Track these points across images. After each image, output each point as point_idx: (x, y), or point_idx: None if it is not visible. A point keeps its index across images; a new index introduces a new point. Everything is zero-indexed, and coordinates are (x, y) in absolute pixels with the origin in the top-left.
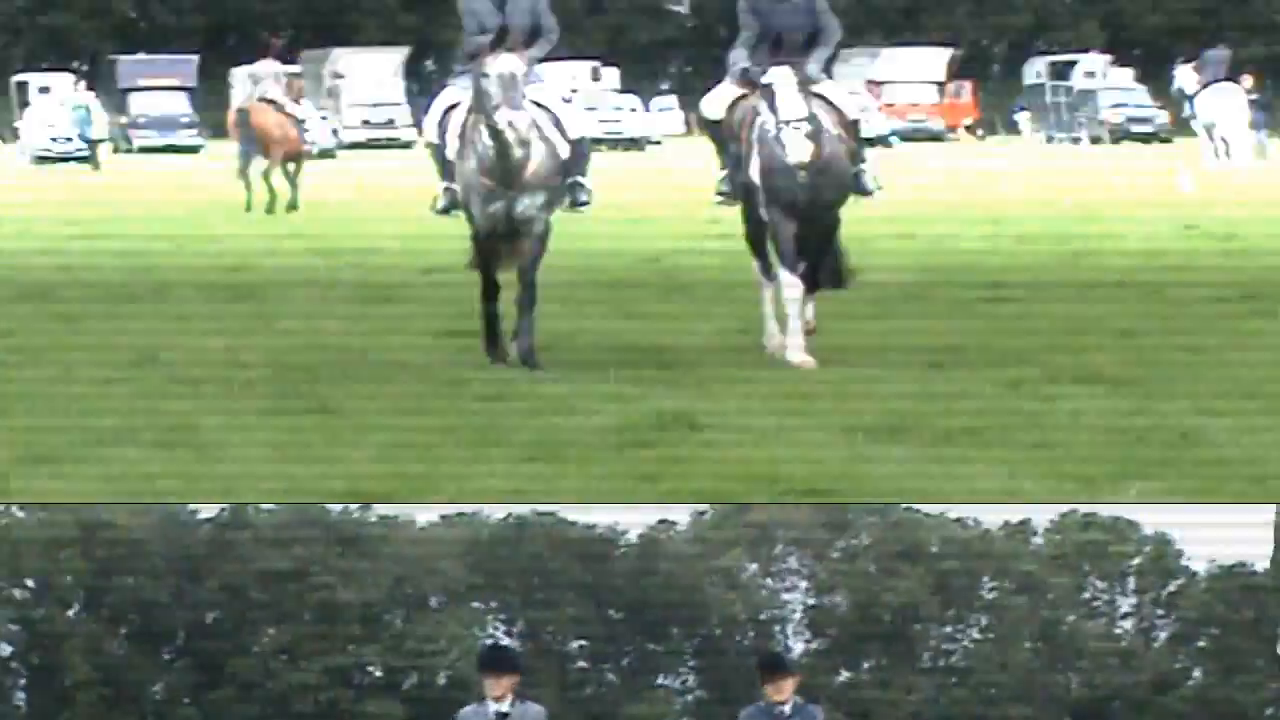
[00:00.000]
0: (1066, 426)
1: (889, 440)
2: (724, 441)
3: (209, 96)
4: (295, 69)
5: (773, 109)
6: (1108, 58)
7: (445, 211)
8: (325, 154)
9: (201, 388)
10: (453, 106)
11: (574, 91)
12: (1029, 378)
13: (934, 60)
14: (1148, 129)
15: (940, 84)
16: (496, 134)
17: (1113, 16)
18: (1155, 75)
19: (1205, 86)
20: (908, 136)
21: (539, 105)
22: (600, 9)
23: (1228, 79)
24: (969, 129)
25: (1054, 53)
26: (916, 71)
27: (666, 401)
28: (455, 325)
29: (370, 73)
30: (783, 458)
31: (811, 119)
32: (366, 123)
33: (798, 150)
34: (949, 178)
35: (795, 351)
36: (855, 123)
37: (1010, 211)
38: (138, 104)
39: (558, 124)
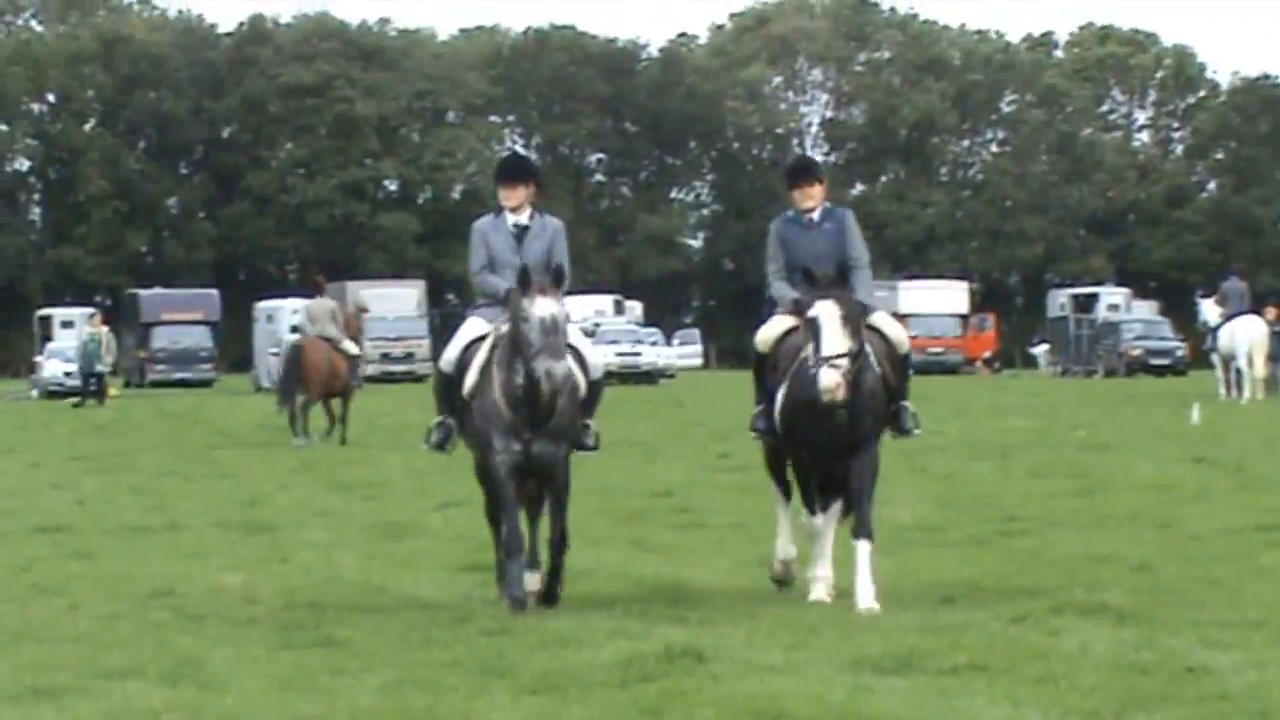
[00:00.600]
0: (1072, 659)
1: (893, 674)
2: (728, 675)
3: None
4: (350, 306)
5: (816, 344)
6: (1128, 290)
7: (439, 447)
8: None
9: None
10: (479, 339)
11: (598, 325)
12: (1037, 611)
13: (956, 293)
14: (1166, 361)
15: (964, 317)
16: (534, 383)
17: (1123, 249)
18: (1177, 308)
19: (1229, 319)
20: (924, 370)
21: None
22: (613, 241)
23: (1252, 311)
24: (986, 362)
25: (1070, 285)
26: (941, 304)
27: (674, 635)
28: (467, 560)
29: (393, 306)
30: (786, 691)
31: (856, 355)
32: (386, 356)
33: (829, 387)
34: (962, 410)
35: (820, 590)
36: (905, 357)
37: (1019, 441)
38: (160, 337)
39: (582, 364)
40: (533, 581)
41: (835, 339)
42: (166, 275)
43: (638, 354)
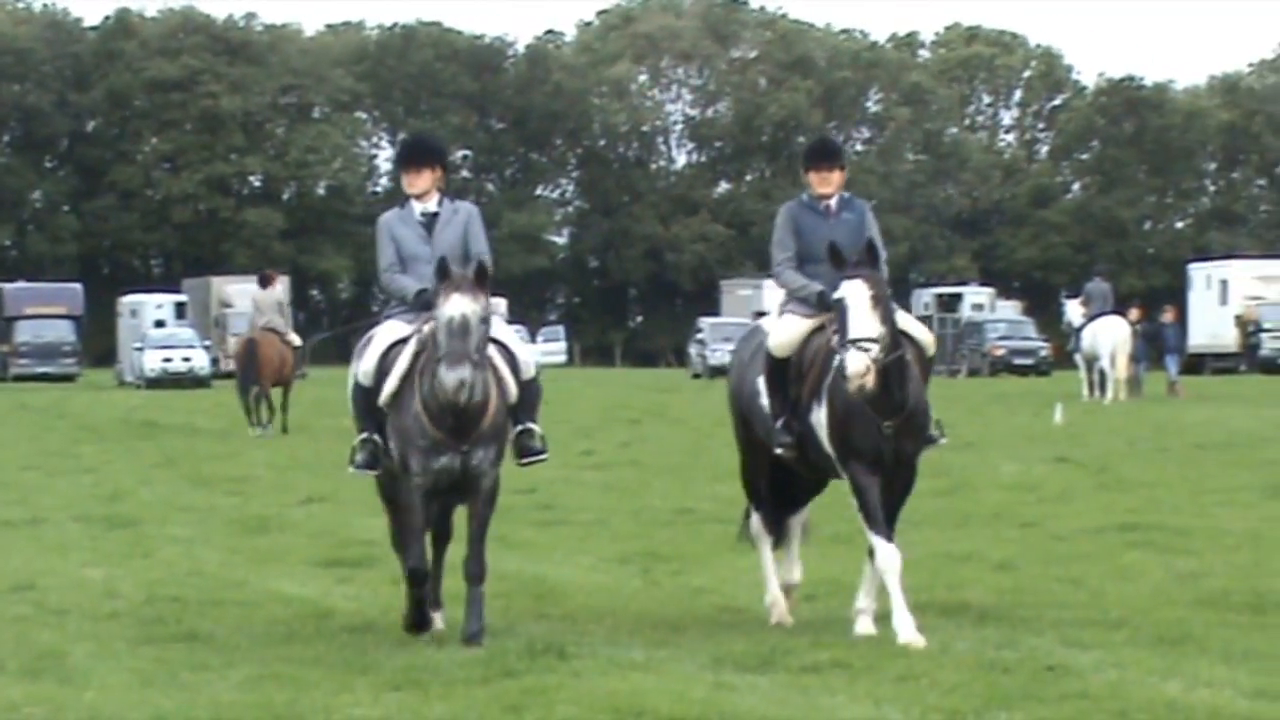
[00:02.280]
0: (933, 658)
1: (755, 671)
2: (590, 671)
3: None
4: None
5: (843, 326)
6: (992, 290)
7: (368, 468)
8: (200, 383)
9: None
10: (398, 344)
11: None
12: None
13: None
14: (1029, 361)
15: None
16: (445, 390)
17: (988, 249)
18: (1041, 308)
19: (1092, 320)
20: None
21: (495, 341)
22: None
23: (1115, 312)
24: None
25: (935, 284)
26: None
27: (536, 631)
28: (330, 555)
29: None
30: (647, 688)
31: (889, 347)
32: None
33: (857, 372)
34: None
35: (907, 630)
36: (930, 361)
37: None
38: (23, 331)
39: (513, 363)
40: (438, 620)
41: (864, 321)
42: (30, 269)
43: None
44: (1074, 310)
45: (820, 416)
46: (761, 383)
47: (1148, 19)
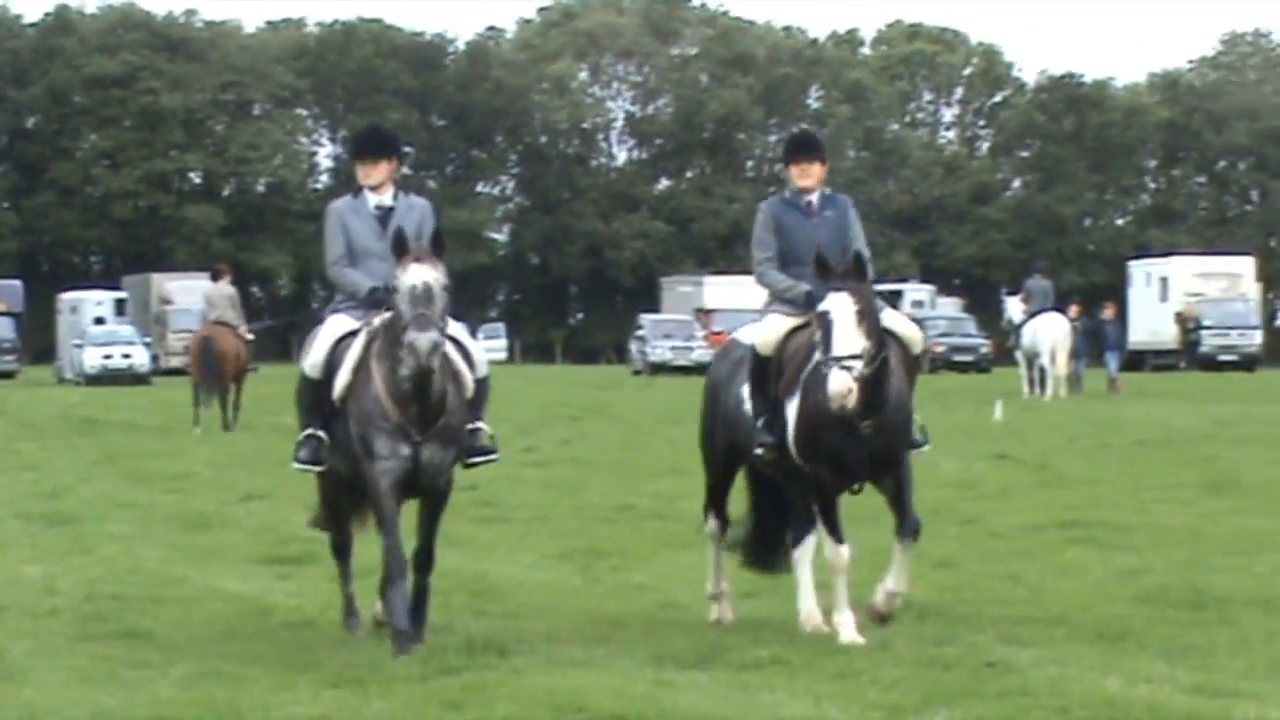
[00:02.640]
0: (873, 655)
1: (695, 668)
2: (530, 669)
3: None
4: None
5: (826, 343)
6: (932, 287)
7: (311, 463)
8: (140, 380)
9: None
10: (349, 336)
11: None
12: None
13: (759, 289)
14: (970, 358)
15: None
16: (419, 353)
17: (928, 246)
18: (981, 305)
19: (1032, 316)
20: None
21: (450, 338)
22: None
23: (1056, 309)
24: None
25: (875, 281)
26: (747, 300)
27: (475, 628)
28: (270, 552)
29: (197, 299)
30: (587, 685)
31: (874, 358)
32: (190, 349)
33: (839, 392)
34: None
35: (849, 630)
36: (917, 360)
37: None
38: None
39: (468, 359)
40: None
41: (848, 338)
42: None
43: None
44: (1014, 307)
45: (793, 409)
46: (746, 390)
47: (1088, 16)
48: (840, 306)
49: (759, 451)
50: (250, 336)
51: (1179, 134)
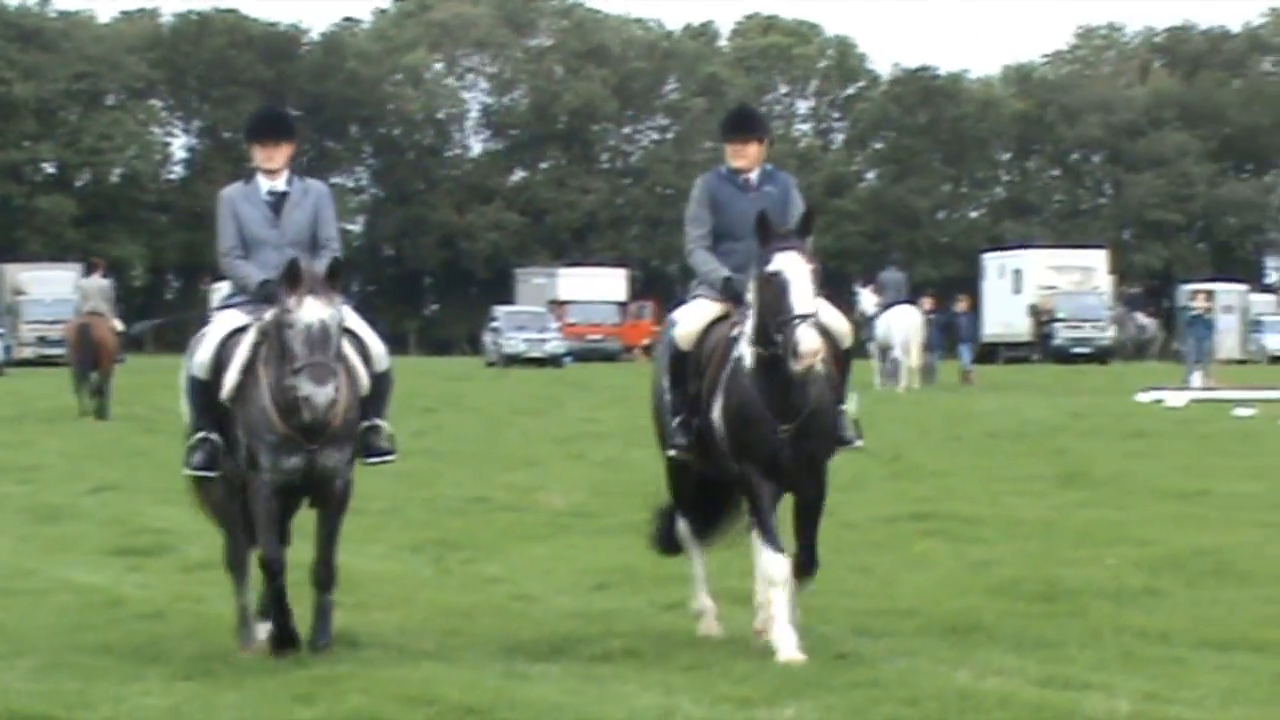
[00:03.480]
0: (725, 647)
1: (547, 660)
2: (381, 660)
3: None
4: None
5: (784, 302)
6: None
7: (205, 469)
8: None
9: None
10: (238, 331)
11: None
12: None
13: (615, 281)
14: None
15: (623, 304)
16: (315, 409)
17: None
18: (835, 297)
19: (886, 309)
20: (583, 356)
21: (345, 330)
22: None
23: (908, 301)
24: (645, 349)
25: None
26: (600, 292)
27: None
28: (121, 544)
29: (50, 290)
30: (438, 677)
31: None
32: (43, 339)
33: (812, 349)
34: (620, 397)
35: (788, 648)
36: (847, 354)
37: None
38: None
39: (364, 355)
40: (262, 630)
41: (808, 295)
42: None
43: None
44: (867, 299)
45: (718, 412)
46: (666, 382)
47: (942, 9)
48: (793, 264)
49: (672, 454)
50: (121, 328)
51: (1033, 127)
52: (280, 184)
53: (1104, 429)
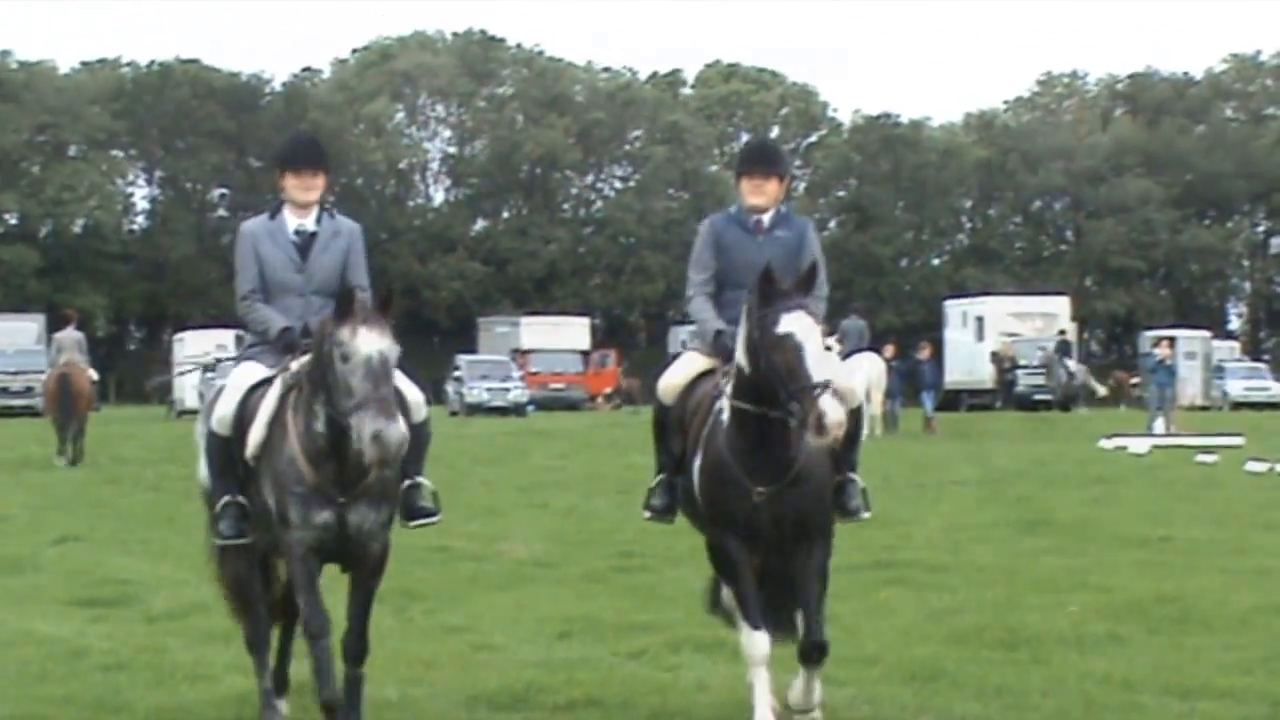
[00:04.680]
0: (689, 695)
1: (510, 709)
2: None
3: None
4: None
5: (800, 369)
6: None
7: (236, 536)
8: None
9: None
10: (261, 385)
11: (219, 360)
12: (654, 646)
13: (578, 329)
14: None
15: (586, 353)
16: (342, 433)
17: None
18: None
19: (847, 356)
20: (546, 405)
21: None
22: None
23: (870, 348)
24: (607, 398)
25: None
26: (563, 340)
27: (290, 669)
28: (84, 595)
29: (12, 340)
30: None
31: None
32: (4, 390)
33: (837, 421)
34: (583, 445)
35: None
36: (856, 413)
37: (639, 478)
38: None
39: (402, 405)
40: (283, 707)
41: (823, 359)
42: None
43: None
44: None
45: (695, 471)
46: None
47: (904, 56)
48: (804, 325)
49: (647, 516)
50: (95, 378)
51: (995, 174)
52: (310, 222)
53: (1066, 476)
